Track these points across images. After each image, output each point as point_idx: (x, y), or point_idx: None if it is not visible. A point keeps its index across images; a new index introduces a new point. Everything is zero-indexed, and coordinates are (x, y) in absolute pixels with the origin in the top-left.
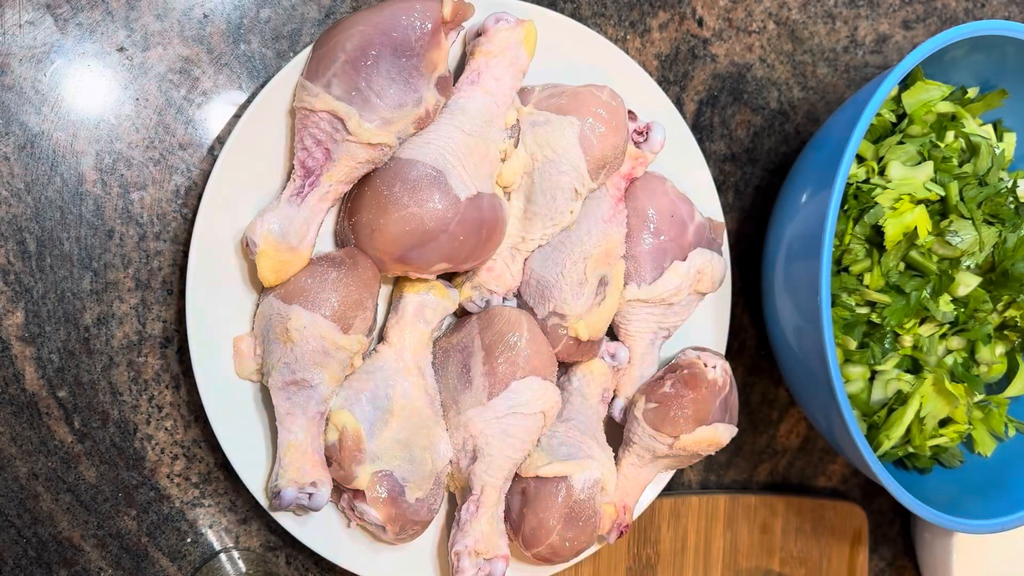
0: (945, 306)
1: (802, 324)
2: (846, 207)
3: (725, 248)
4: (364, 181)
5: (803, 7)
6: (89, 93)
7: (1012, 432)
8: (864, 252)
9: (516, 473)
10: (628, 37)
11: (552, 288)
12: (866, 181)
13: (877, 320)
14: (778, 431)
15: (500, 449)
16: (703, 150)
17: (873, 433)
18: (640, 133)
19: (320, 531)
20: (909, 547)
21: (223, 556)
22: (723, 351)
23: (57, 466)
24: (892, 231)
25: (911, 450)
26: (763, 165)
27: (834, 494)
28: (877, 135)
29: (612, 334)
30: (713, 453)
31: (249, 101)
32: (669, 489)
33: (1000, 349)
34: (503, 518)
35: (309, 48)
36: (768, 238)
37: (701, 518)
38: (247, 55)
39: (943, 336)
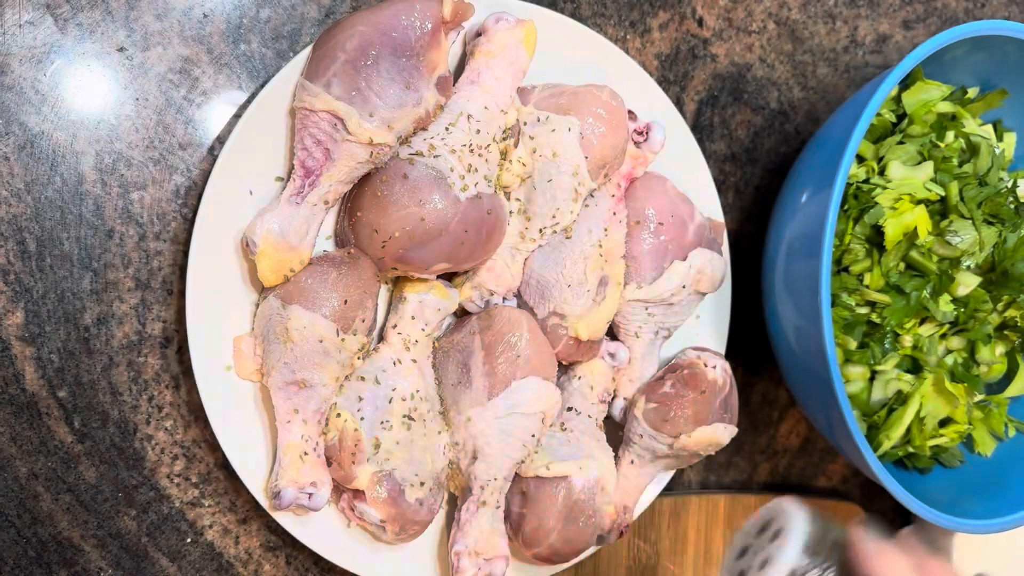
0: (945, 306)
1: (802, 324)
2: (846, 207)
3: (725, 248)
4: (364, 181)
5: (803, 7)
6: (89, 93)
7: (1012, 432)
8: (864, 252)
9: (516, 473)
10: (628, 37)
11: (552, 288)
12: (866, 181)
13: (877, 320)
14: (778, 431)
15: (500, 449)
16: (703, 150)
17: (873, 433)
18: (640, 133)
19: (320, 531)
20: None
21: None
22: (723, 351)
23: (57, 466)
24: (892, 231)
25: (911, 450)
26: (763, 165)
27: (834, 494)
28: (877, 135)
29: (612, 334)
30: (713, 453)
31: (249, 101)
32: (669, 489)
33: (1000, 349)
34: (503, 518)
35: (309, 48)
36: (768, 238)
37: (701, 518)
38: (247, 55)
39: (943, 336)
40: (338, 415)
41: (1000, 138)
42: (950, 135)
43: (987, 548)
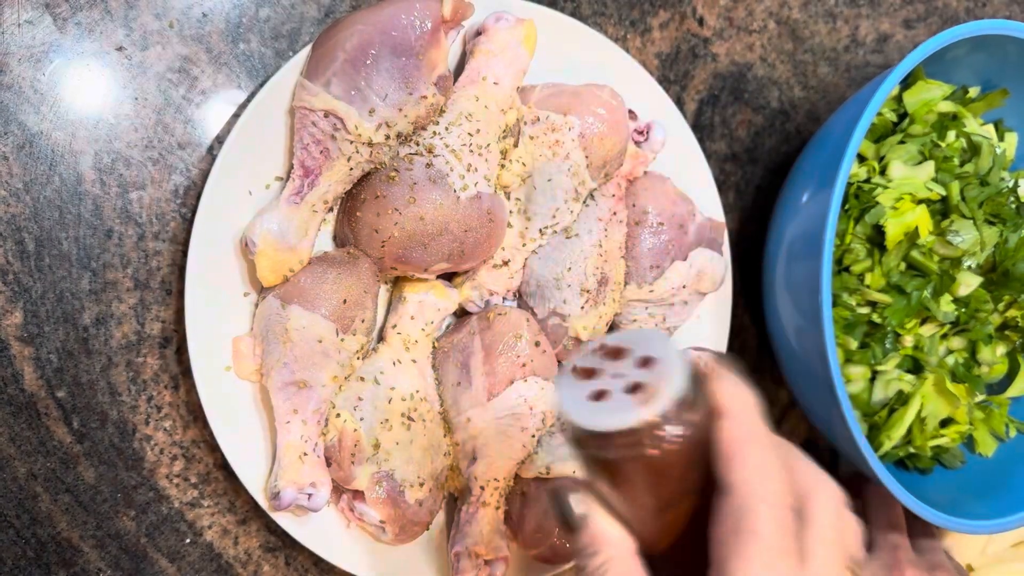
0: (946, 306)
1: (803, 324)
2: (847, 207)
3: (726, 248)
4: (364, 181)
5: (804, 6)
6: (88, 92)
7: (1013, 432)
8: (865, 252)
9: (516, 474)
10: (628, 36)
11: (552, 288)
12: (867, 180)
13: (878, 320)
14: (779, 431)
15: (500, 449)
16: (704, 150)
17: (874, 433)
18: (640, 133)
19: (320, 531)
20: None
21: None
22: (723, 351)
23: (56, 466)
24: (893, 231)
25: (912, 450)
26: (764, 165)
27: None
28: (878, 134)
29: None
30: None
31: (248, 100)
32: None
33: (1001, 349)
34: (503, 519)
35: (308, 47)
36: (769, 238)
37: None
38: (246, 54)
39: (944, 336)
40: (338, 415)
41: (1001, 138)
42: (951, 135)
43: (987, 548)
